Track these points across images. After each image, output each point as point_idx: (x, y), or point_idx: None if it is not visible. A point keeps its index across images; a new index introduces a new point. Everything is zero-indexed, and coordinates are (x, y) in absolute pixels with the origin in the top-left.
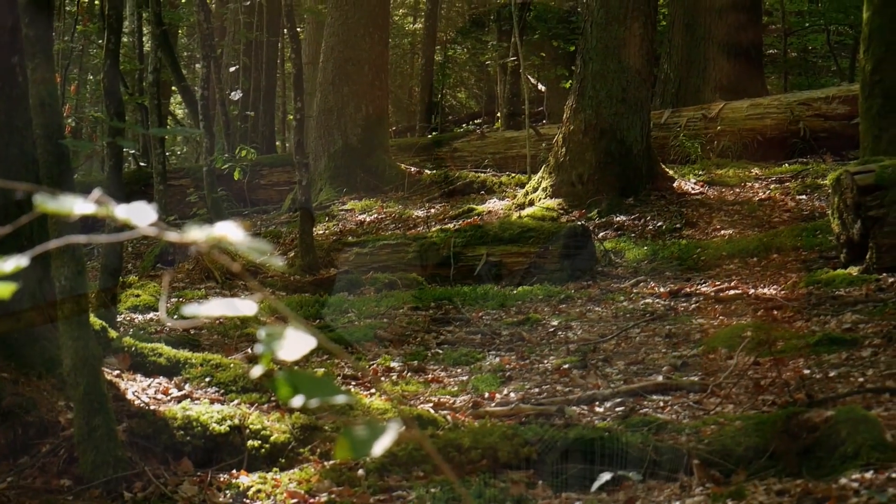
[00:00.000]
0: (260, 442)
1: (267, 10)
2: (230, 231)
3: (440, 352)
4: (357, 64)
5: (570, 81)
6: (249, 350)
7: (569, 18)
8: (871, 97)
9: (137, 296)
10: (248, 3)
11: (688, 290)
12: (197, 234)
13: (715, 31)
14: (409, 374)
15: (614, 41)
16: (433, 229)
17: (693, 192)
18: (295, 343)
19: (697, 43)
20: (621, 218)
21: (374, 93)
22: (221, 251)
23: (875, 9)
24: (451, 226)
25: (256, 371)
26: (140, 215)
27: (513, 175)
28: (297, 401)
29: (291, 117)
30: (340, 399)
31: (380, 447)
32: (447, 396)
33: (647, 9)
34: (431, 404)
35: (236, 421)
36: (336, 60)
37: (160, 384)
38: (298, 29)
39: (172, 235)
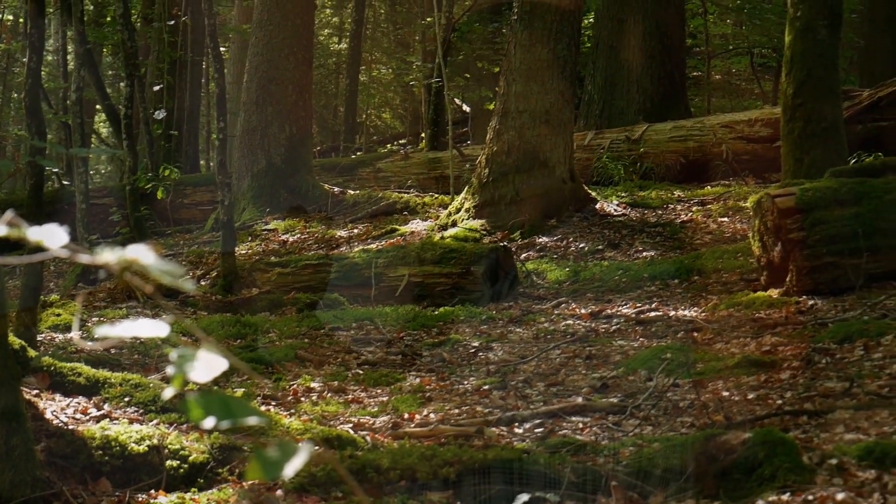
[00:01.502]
0: (178, 462)
1: (191, 29)
2: (141, 254)
3: (360, 372)
4: (281, 84)
5: (494, 102)
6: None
7: (493, 40)
8: (792, 120)
9: (58, 315)
10: (173, 22)
11: (609, 311)
12: (109, 256)
13: (639, 53)
14: (330, 394)
15: (538, 63)
16: (356, 250)
17: (615, 213)
18: (207, 364)
19: (621, 65)
20: (543, 239)
21: (298, 113)
22: (135, 273)
23: (797, 33)
24: (373, 246)
25: (168, 393)
26: (52, 237)
27: (436, 196)
28: (209, 422)
29: (215, 136)
30: (253, 420)
31: (291, 468)
32: (367, 417)
33: (570, 31)
34: (351, 425)
35: (155, 441)
36: (260, 80)
37: (79, 404)
38: (223, 48)
39: (84, 257)
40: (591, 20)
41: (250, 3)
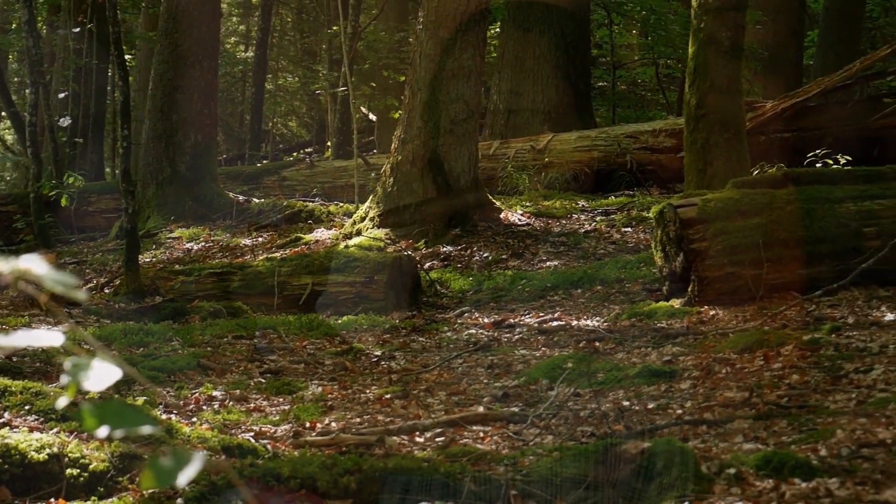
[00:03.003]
0: (79, 470)
1: (97, 36)
2: (34, 264)
3: (263, 381)
4: (186, 92)
5: (400, 112)
6: None
7: (399, 49)
8: (695, 131)
9: None
10: (78, 29)
11: (512, 320)
12: (1, 266)
13: (544, 63)
14: (231, 402)
15: (443, 72)
16: (260, 258)
17: (520, 223)
18: (100, 373)
19: (527, 75)
20: (448, 248)
21: (203, 121)
22: (31, 282)
23: (700, 44)
24: (277, 255)
25: (62, 402)
26: None
27: (341, 204)
28: (103, 431)
29: (120, 144)
30: (147, 429)
31: (184, 477)
32: (268, 425)
33: (476, 41)
34: (252, 433)
35: (55, 449)
36: (165, 88)
37: None
38: (129, 56)
39: None
40: (496, 30)
41: (156, 10)
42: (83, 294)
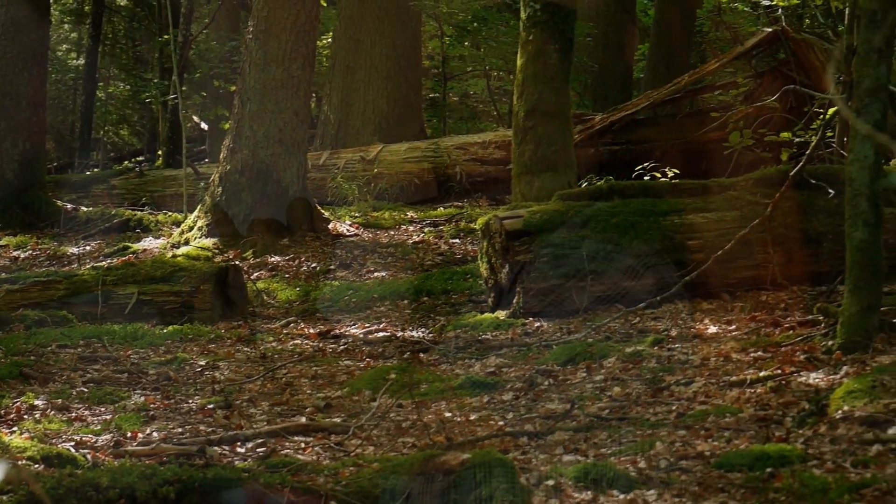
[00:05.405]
0: None
1: None
2: None
3: (86, 390)
4: (14, 99)
5: (230, 121)
6: None
7: (231, 58)
8: (523, 143)
9: None
10: None
11: (337, 331)
12: None
13: (375, 74)
14: (53, 412)
15: (272, 82)
16: (86, 267)
17: (348, 233)
18: None
19: (357, 86)
20: (276, 259)
21: (32, 128)
22: None
23: (529, 56)
24: (104, 263)
25: None
26: None
27: (170, 214)
28: None
29: None
30: None
31: None
32: (90, 435)
33: (305, 51)
34: (73, 443)
35: None
36: None
37: None
38: None
39: None
40: (328, 40)
41: None
42: None
